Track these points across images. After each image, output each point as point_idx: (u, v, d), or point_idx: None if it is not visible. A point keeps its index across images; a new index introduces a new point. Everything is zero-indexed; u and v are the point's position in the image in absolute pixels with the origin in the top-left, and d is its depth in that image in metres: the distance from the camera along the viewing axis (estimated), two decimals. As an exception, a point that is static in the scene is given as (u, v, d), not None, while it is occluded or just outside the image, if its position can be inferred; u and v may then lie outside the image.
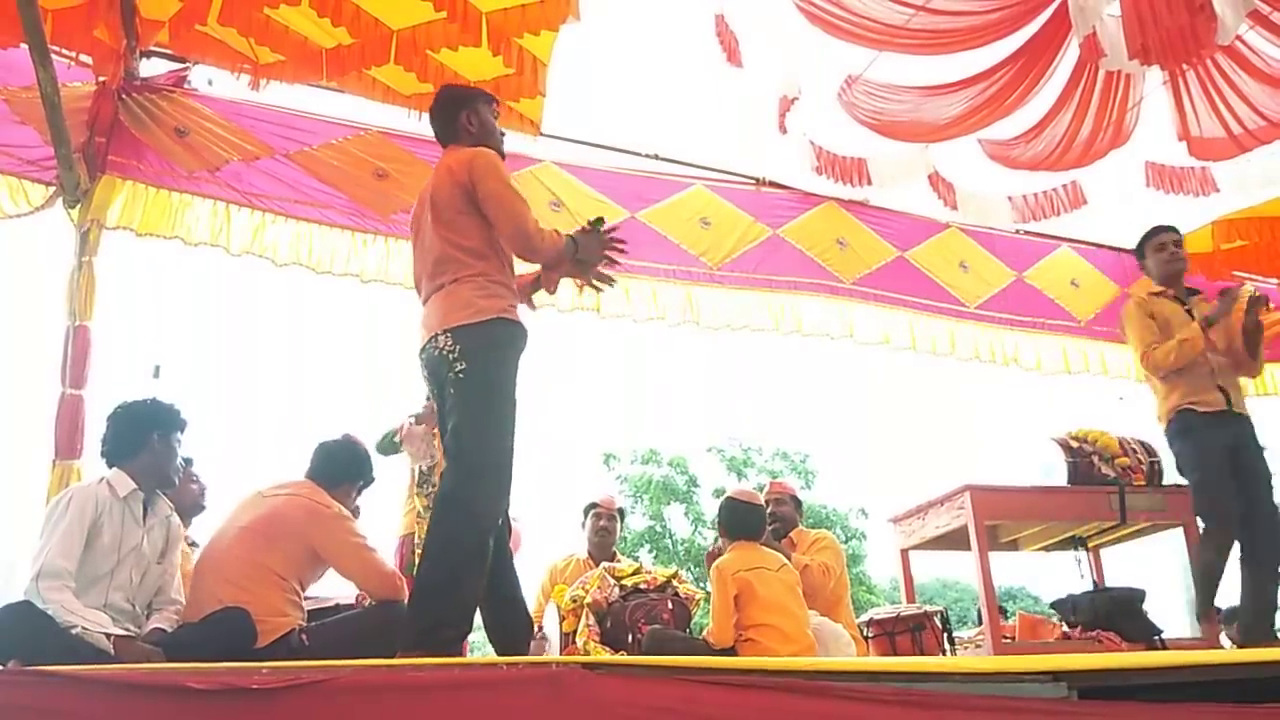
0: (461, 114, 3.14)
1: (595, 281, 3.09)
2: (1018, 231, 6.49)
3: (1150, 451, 4.79)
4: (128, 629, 2.91)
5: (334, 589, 3.85)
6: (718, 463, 20.74)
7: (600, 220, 3.08)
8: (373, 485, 3.67)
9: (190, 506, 3.57)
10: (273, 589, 3.08)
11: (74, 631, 2.72)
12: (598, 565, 4.49)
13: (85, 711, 1.84)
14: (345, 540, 3.25)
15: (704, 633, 3.87)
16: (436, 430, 3.39)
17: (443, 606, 2.61)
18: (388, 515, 4.80)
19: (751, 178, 5.95)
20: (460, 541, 2.67)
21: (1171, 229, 4.65)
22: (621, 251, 3.10)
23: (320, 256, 4.83)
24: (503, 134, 3.27)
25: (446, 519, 2.71)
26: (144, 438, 3.16)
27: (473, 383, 2.78)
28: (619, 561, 4.57)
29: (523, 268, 3.18)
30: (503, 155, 3.13)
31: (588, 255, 3.02)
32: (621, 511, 5.23)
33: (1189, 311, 4.38)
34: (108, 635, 2.76)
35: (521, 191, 2.96)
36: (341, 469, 3.50)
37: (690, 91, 4.94)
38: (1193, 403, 4.23)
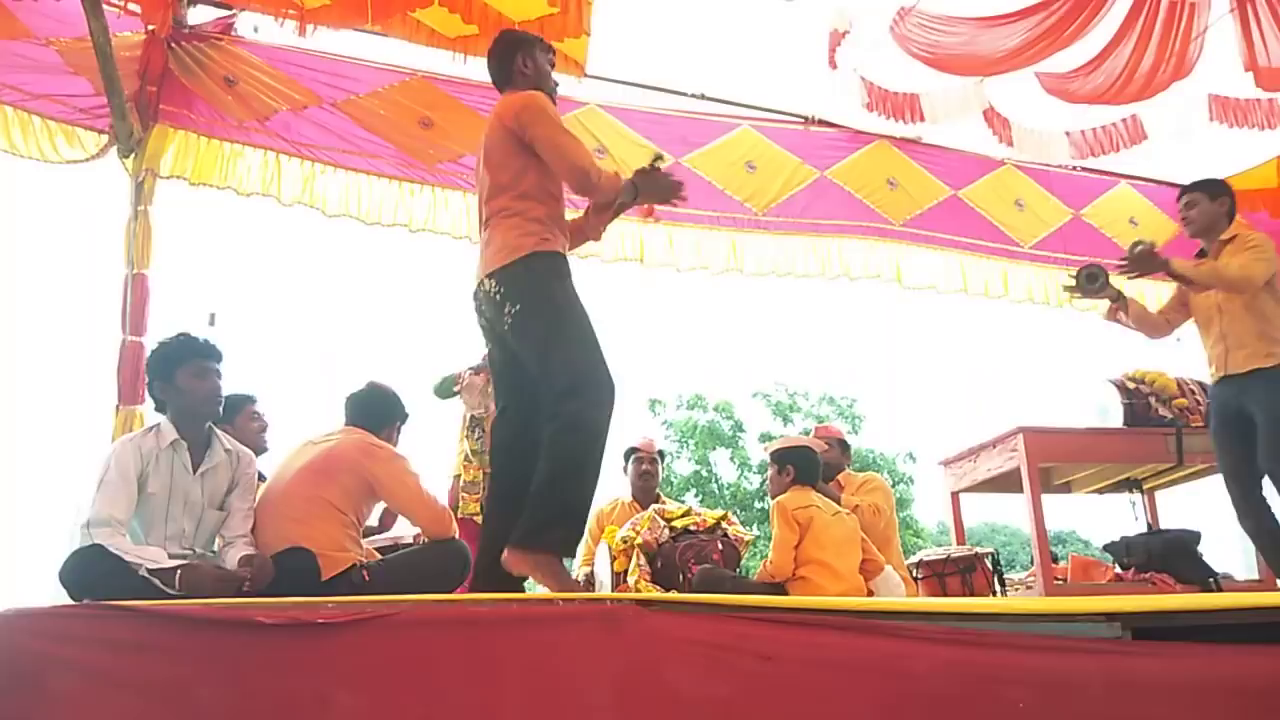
0: (517, 57, 3.15)
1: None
2: (1075, 168, 6.31)
3: (1209, 393, 4.68)
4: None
5: (397, 529, 3.97)
6: (763, 408, 20.72)
7: (659, 157, 3.05)
8: (409, 421, 3.72)
9: (251, 446, 3.58)
10: (333, 523, 3.16)
11: (141, 573, 2.70)
12: (644, 508, 4.53)
13: (158, 644, 1.91)
14: (401, 476, 3.33)
15: (763, 563, 3.95)
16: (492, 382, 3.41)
17: (549, 510, 2.70)
18: (439, 457, 4.90)
19: (801, 116, 5.84)
20: (568, 454, 2.73)
21: None
22: (683, 198, 3.08)
23: (369, 207, 4.87)
24: (556, 83, 3.28)
25: (558, 439, 2.74)
26: (169, 379, 3.05)
27: (529, 319, 2.84)
28: (665, 504, 4.62)
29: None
30: (554, 101, 3.13)
31: (648, 200, 3.09)
32: (662, 453, 5.27)
33: None
34: (172, 571, 2.71)
35: None
36: (382, 412, 3.57)
37: (738, 28, 4.84)
38: None
